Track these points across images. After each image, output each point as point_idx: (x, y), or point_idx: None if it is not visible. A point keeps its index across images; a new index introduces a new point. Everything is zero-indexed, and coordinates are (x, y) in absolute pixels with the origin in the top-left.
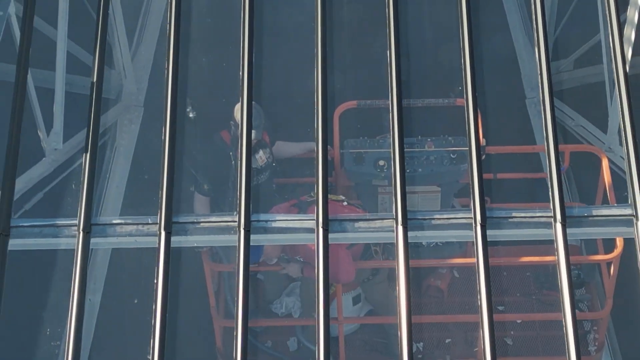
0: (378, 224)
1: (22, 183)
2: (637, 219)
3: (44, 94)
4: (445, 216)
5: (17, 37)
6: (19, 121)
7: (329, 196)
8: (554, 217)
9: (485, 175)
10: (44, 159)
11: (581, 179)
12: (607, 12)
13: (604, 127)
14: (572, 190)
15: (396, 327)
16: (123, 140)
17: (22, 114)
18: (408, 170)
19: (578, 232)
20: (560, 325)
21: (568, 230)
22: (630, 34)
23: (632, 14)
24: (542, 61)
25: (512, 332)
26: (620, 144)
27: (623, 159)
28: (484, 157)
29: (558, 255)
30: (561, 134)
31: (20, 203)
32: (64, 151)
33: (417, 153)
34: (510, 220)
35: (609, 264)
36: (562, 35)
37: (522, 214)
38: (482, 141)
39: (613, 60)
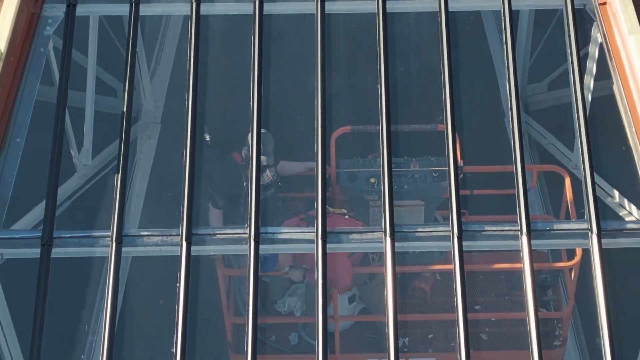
0: (369, 235)
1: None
2: (591, 232)
3: (73, 112)
4: (427, 229)
5: (53, 63)
6: (60, 142)
7: (333, 210)
8: (520, 230)
9: (462, 192)
10: (75, 174)
11: (553, 194)
12: (568, 44)
13: (572, 146)
14: (545, 205)
15: (385, 324)
16: (142, 155)
17: (62, 136)
18: (395, 187)
19: (542, 244)
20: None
21: (533, 242)
22: (592, 66)
23: (593, 49)
24: (511, 88)
25: (487, 329)
26: None
27: None
28: (461, 176)
29: (523, 264)
30: (537, 151)
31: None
32: (92, 166)
33: (404, 172)
34: (483, 233)
35: (571, 269)
36: (538, 60)
37: (493, 228)
38: (460, 162)
39: (572, 88)
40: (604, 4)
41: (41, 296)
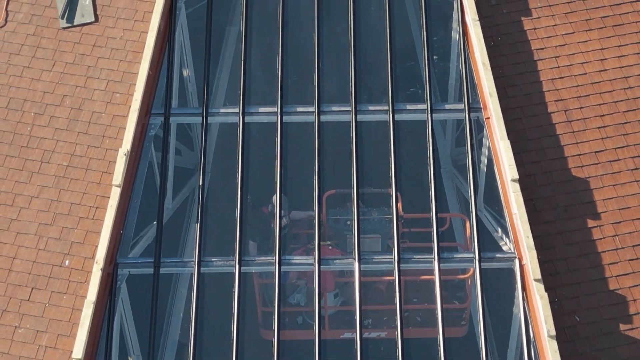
0: (345, 260)
1: (152, 230)
2: (475, 260)
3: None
4: (381, 256)
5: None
6: (162, 200)
7: (323, 243)
8: (434, 257)
9: (403, 230)
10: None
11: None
12: (468, 141)
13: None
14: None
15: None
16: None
17: (164, 197)
18: (362, 227)
19: (447, 266)
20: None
21: (443, 265)
22: (483, 153)
23: (485, 144)
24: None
25: (420, 314)
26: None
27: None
28: (402, 220)
29: (435, 276)
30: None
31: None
32: (171, 208)
33: (367, 217)
34: (413, 259)
35: (468, 279)
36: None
37: (419, 256)
38: (401, 213)
39: (469, 170)
40: (488, 118)
41: (154, 302)
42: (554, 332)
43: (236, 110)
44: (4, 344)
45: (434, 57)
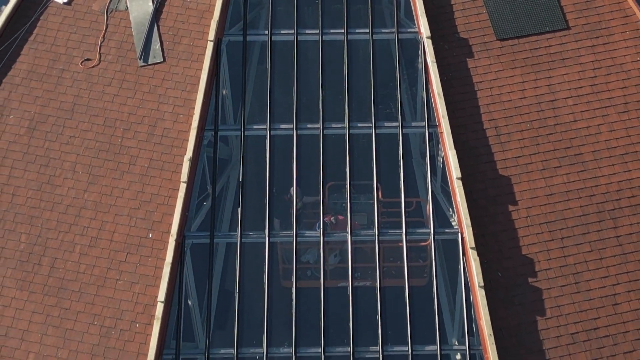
0: (342, 234)
1: (205, 211)
2: (431, 233)
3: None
4: (366, 231)
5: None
6: (215, 191)
7: (327, 218)
8: (403, 231)
9: (382, 210)
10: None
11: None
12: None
13: None
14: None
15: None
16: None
17: (215, 190)
18: (353, 207)
19: (413, 237)
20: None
21: (409, 236)
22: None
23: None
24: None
25: (394, 270)
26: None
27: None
28: (382, 203)
29: (403, 244)
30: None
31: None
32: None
33: (357, 201)
34: (389, 232)
35: (427, 246)
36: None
37: (394, 230)
38: (381, 198)
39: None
40: (442, 133)
41: (210, 262)
42: (482, 284)
43: (264, 126)
44: (109, 292)
45: (406, 87)
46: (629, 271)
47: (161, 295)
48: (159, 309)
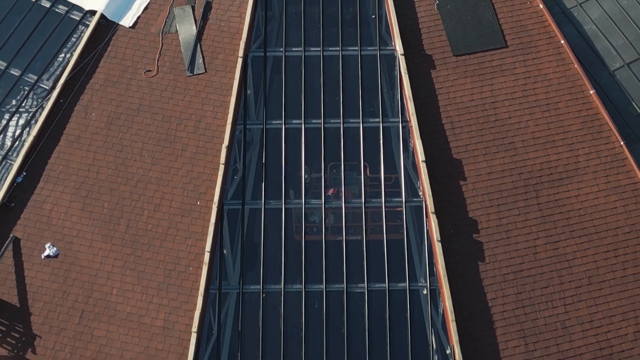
0: (339, 202)
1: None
2: (403, 202)
3: None
4: (356, 200)
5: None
6: (244, 169)
7: (330, 190)
8: (382, 200)
9: (369, 183)
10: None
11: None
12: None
13: None
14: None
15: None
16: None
17: (245, 165)
18: (346, 181)
19: (390, 205)
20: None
21: (387, 204)
22: None
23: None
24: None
25: (378, 227)
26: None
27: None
28: (368, 178)
29: (383, 209)
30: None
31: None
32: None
33: (350, 176)
34: (373, 200)
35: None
36: None
37: (376, 199)
38: (368, 174)
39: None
40: (412, 126)
41: (242, 223)
42: (439, 238)
43: (280, 121)
44: (170, 244)
45: (386, 91)
46: (546, 229)
47: (207, 246)
48: (206, 257)
